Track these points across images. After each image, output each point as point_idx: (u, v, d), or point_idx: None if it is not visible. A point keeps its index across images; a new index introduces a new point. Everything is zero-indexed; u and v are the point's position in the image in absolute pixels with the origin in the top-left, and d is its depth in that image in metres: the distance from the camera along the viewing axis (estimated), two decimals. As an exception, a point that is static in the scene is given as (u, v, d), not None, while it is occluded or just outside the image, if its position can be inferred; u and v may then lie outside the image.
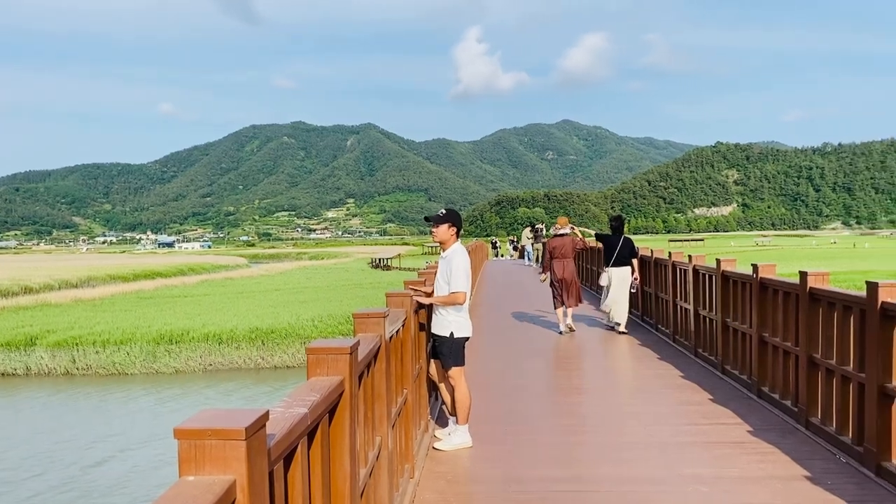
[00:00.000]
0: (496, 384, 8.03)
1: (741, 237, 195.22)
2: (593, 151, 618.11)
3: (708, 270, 8.74)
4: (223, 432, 1.57)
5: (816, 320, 5.77)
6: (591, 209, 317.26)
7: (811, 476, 4.77)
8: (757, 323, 6.99)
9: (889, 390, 4.65)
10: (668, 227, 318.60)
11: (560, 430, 6.10)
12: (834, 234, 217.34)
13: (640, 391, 7.66)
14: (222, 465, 1.57)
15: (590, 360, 9.78)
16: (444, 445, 5.61)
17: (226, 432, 1.57)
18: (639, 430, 6.04)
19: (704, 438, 5.75)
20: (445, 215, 5.79)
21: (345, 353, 2.75)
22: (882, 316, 4.70)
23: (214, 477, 1.56)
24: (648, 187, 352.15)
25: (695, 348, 9.26)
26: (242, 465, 1.58)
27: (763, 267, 6.93)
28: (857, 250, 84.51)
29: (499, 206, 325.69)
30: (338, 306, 26.12)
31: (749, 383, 7.24)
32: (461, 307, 5.68)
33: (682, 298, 9.94)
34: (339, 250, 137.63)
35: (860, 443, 5.02)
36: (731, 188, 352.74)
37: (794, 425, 5.99)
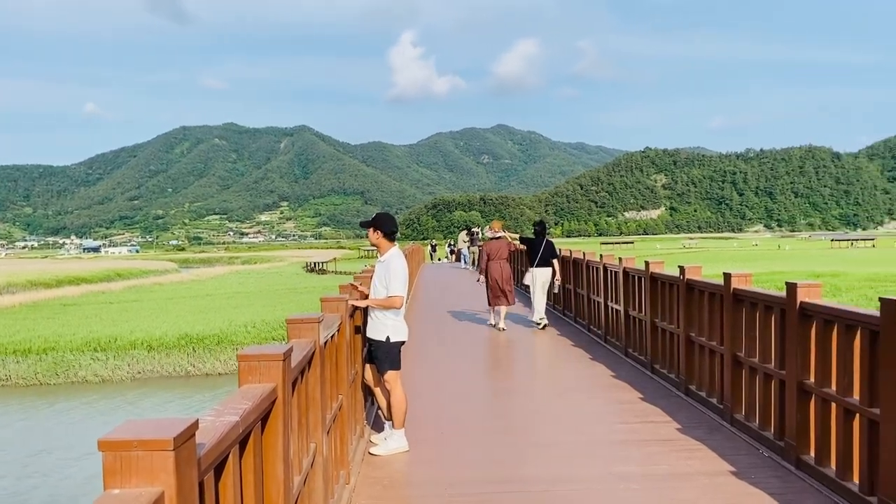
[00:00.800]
0: (432, 387, 8.05)
1: (669, 240, 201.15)
2: (527, 156, 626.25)
3: (637, 272, 8.96)
4: (150, 443, 1.53)
5: (740, 320, 5.98)
6: (525, 213, 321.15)
7: (736, 471, 4.95)
8: (684, 323, 7.21)
9: (807, 387, 4.86)
10: (600, 229, 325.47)
11: (495, 432, 6.15)
12: (756, 236, 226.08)
13: (572, 391, 7.79)
14: (149, 476, 1.53)
15: (524, 362, 9.91)
16: (380, 450, 5.59)
17: (153, 443, 1.53)
18: (572, 429, 6.15)
19: (635, 437, 5.89)
20: (371, 220, 5.82)
21: (277, 360, 2.71)
22: (801, 315, 4.92)
23: (141, 489, 1.51)
24: (581, 191, 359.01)
25: (625, 348, 9.48)
26: (171, 476, 1.54)
27: (689, 269, 7.15)
28: (780, 252, 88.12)
29: (435, 209, 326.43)
30: (272, 311, 25.71)
31: (677, 382, 7.46)
32: (398, 311, 5.68)
33: (613, 300, 10.17)
34: (273, 254, 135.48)
35: (781, 437, 5.23)
36: (660, 192, 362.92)
37: (720, 422, 6.20)
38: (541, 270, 12.32)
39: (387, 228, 5.75)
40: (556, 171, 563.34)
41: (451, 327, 13.13)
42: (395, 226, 5.83)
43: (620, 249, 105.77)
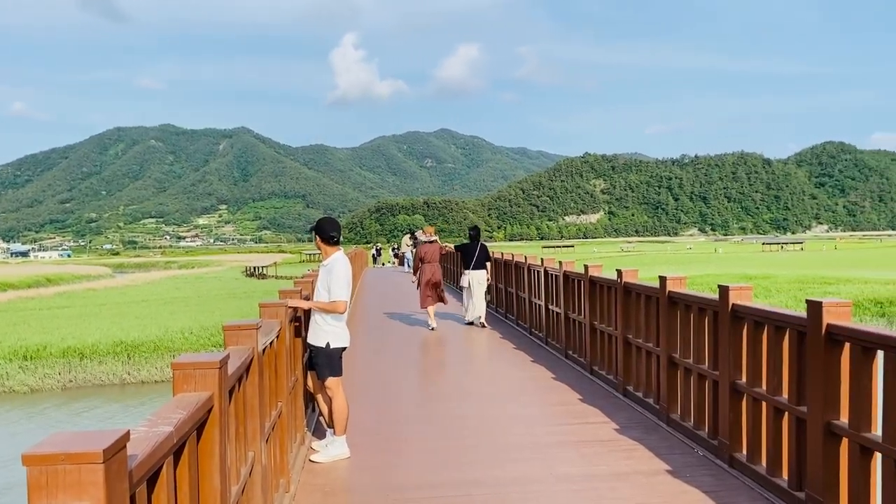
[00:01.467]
0: (374, 392, 8.01)
1: (608, 243, 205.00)
2: (470, 160, 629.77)
3: (577, 276, 9.10)
4: (78, 456, 1.48)
5: (675, 322, 6.14)
6: (469, 216, 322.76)
7: (672, 469, 5.07)
8: (622, 325, 7.35)
9: (739, 386, 5.01)
10: (542, 233, 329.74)
11: (437, 436, 6.16)
12: (691, 240, 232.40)
13: (514, 393, 7.85)
14: (77, 491, 1.48)
15: (466, 365, 9.94)
16: (320, 457, 5.53)
17: (81, 456, 1.48)
18: (513, 431, 6.20)
19: (575, 438, 5.98)
20: (313, 226, 5.79)
21: (214, 368, 2.65)
22: (733, 317, 5.07)
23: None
24: (523, 195, 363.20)
25: (565, 350, 9.62)
26: (100, 489, 1.49)
27: (627, 272, 7.30)
28: (714, 255, 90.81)
29: (378, 213, 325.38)
30: (210, 317, 25.15)
31: (615, 383, 7.60)
32: (340, 316, 5.63)
33: (554, 303, 10.30)
34: (212, 258, 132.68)
35: (715, 436, 5.38)
36: (599, 197, 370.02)
37: (656, 422, 6.34)
38: (476, 273, 12.97)
39: (327, 233, 5.71)
40: (498, 176, 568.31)
41: (394, 331, 13.10)
42: (336, 230, 5.79)
43: (561, 253, 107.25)
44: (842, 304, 4.04)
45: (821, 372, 4.02)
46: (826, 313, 4.00)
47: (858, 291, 38.66)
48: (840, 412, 3.94)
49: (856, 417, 3.79)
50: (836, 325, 3.95)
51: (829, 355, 3.98)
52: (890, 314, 32.30)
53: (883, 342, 3.59)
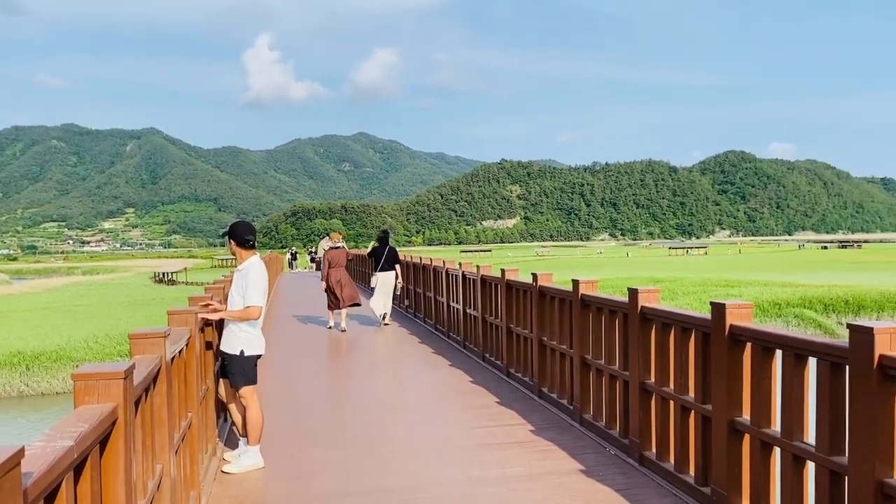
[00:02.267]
0: (290, 400, 7.86)
1: (524, 248, 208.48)
2: (389, 164, 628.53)
3: (494, 280, 9.21)
4: (-36, 476, 1.38)
5: (588, 324, 6.29)
6: (387, 221, 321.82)
7: (585, 469, 5.19)
8: (537, 328, 7.48)
9: (648, 386, 5.18)
10: (460, 238, 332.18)
11: (354, 443, 6.09)
12: (602, 244, 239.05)
13: (431, 398, 7.87)
14: (-37, 514, 1.38)
15: (383, 369, 9.89)
16: (233, 468, 5.38)
17: (-33, 476, 1.38)
18: (431, 436, 6.21)
19: (492, 440, 6.03)
20: (226, 230, 5.66)
21: (118, 378, 2.54)
22: (642, 319, 5.24)
23: (-47, 529, 1.36)
24: (441, 200, 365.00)
25: (483, 353, 9.71)
26: (-11, 511, 1.40)
27: (541, 276, 7.44)
28: (625, 259, 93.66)
29: (295, 217, 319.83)
30: (116, 326, 24.11)
31: (531, 385, 7.72)
32: (254, 323, 5.50)
33: (472, 306, 10.39)
34: (118, 264, 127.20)
35: (626, 435, 5.54)
36: (515, 202, 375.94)
37: (570, 422, 6.48)
38: (384, 274, 13.81)
39: (241, 237, 5.57)
40: (416, 181, 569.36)
41: (310, 337, 12.91)
42: (251, 233, 5.66)
43: (479, 257, 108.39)
44: (743, 306, 4.23)
45: (724, 371, 4.20)
46: (729, 315, 4.18)
47: (758, 294, 40.64)
48: (742, 409, 4.13)
49: (757, 414, 3.98)
50: (739, 325, 4.13)
51: (732, 355, 4.16)
52: (787, 315, 34.13)
53: (781, 342, 3.79)
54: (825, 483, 3.40)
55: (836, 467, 3.32)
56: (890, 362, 3.03)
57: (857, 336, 3.16)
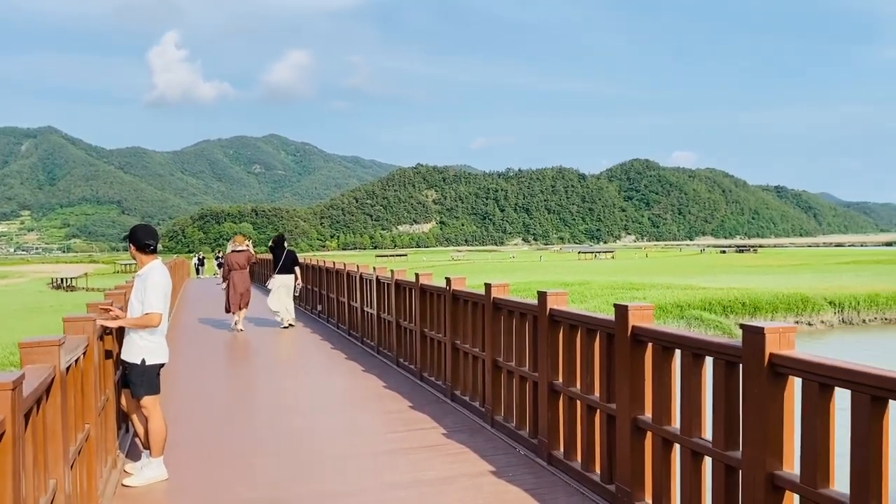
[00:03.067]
0: (196, 409, 7.62)
1: (439, 252, 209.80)
2: (302, 167, 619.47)
3: (408, 284, 9.21)
4: None
5: (499, 327, 6.38)
6: (300, 225, 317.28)
7: (496, 470, 5.25)
8: (450, 331, 7.53)
9: (556, 387, 5.30)
10: (375, 242, 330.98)
11: (265, 452, 5.96)
12: (516, 249, 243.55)
13: (343, 404, 7.79)
14: None
15: (294, 375, 9.72)
16: (135, 481, 5.17)
17: None
18: (343, 443, 6.14)
19: (404, 445, 6.02)
20: (127, 233, 5.46)
21: (5, 390, 2.40)
22: (550, 321, 5.35)
23: None
24: (356, 204, 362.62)
25: (396, 358, 9.69)
26: None
27: (455, 280, 7.49)
28: (538, 263, 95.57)
29: (202, 220, 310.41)
30: (9, 334, 22.73)
31: (444, 388, 7.76)
32: (156, 330, 5.30)
33: (386, 311, 10.35)
34: (11, 269, 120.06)
35: (535, 435, 5.65)
36: (431, 207, 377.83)
37: (482, 424, 6.55)
38: (282, 277, 14.35)
39: (142, 241, 5.37)
40: (331, 184, 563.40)
41: (218, 344, 12.57)
42: (152, 238, 5.45)
43: (394, 262, 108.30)
44: (645, 308, 4.39)
45: (627, 371, 4.34)
46: (631, 316, 4.33)
47: (662, 296, 42.27)
48: (645, 408, 4.28)
49: (658, 412, 4.13)
50: (640, 326, 4.28)
51: (635, 355, 4.31)
52: (689, 316, 35.64)
53: (679, 342, 3.95)
54: (721, 477, 3.56)
55: (730, 461, 3.49)
56: (780, 360, 3.20)
57: (749, 336, 3.33)
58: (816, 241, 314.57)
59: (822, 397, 3.01)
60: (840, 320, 39.30)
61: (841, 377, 2.90)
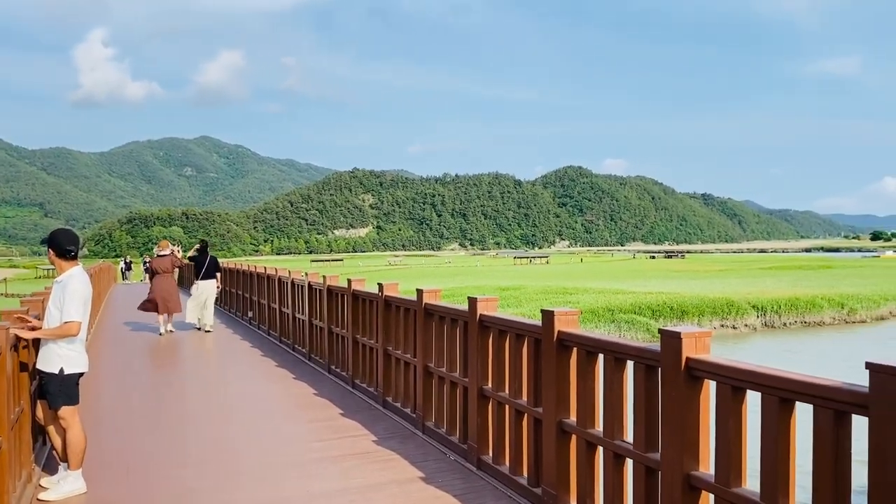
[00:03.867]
0: (119, 419, 7.38)
1: (376, 257, 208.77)
2: (235, 170, 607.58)
3: (340, 290, 9.14)
4: None
5: (431, 333, 6.40)
6: (233, 229, 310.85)
7: (425, 476, 5.26)
8: (382, 338, 7.51)
9: (486, 392, 5.34)
10: (311, 247, 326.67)
11: (187, 462, 5.82)
12: (452, 254, 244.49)
13: (272, 412, 7.67)
14: None
15: (222, 384, 9.50)
16: (51, 495, 4.97)
17: None
18: (272, 452, 6.05)
19: (334, 453, 5.97)
20: (46, 238, 5.26)
21: None
22: (480, 327, 5.40)
23: None
24: (291, 208, 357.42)
25: (328, 365, 9.60)
26: None
27: (387, 286, 7.47)
28: (474, 268, 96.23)
29: (130, 224, 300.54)
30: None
31: (376, 395, 7.73)
32: (75, 338, 5.11)
33: (318, 317, 10.25)
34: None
35: (465, 441, 5.68)
36: (368, 211, 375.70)
37: (413, 431, 6.55)
38: (205, 283, 14.76)
39: (62, 246, 5.18)
40: (265, 187, 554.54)
41: (142, 351, 12.20)
42: (73, 243, 5.26)
43: (330, 267, 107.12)
44: (570, 313, 4.48)
45: (553, 375, 4.42)
46: (557, 321, 4.41)
47: (595, 300, 43.11)
48: (570, 411, 4.36)
49: (583, 415, 4.21)
50: (566, 331, 4.37)
51: (560, 359, 4.39)
52: (620, 320, 36.46)
53: (602, 346, 4.04)
54: (642, 478, 3.66)
55: (650, 463, 3.59)
56: (696, 364, 3.32)
57: (667, 340, 3.44)
58: (741, 247, 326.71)
59: (735, 400, 3.13)
60: (763, 323, 40.90)
61: (752, 380, 3.02)
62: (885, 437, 2.41)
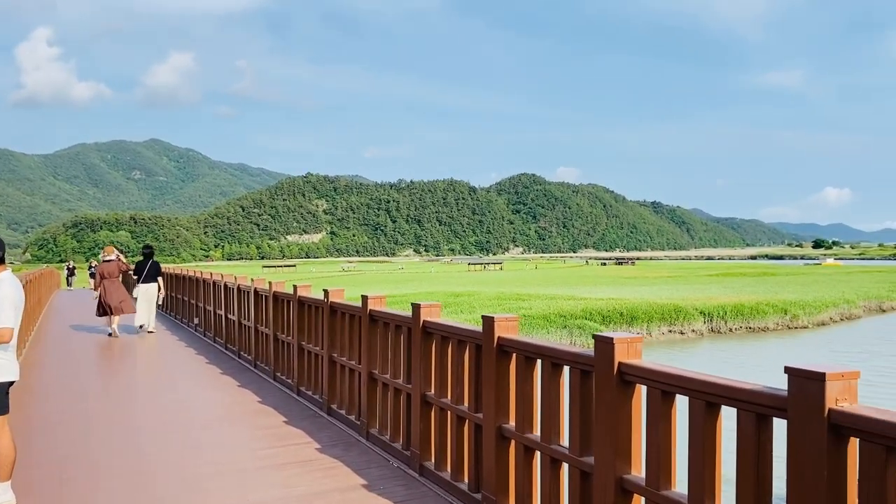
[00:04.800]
0: (51, 428, 7.15)
1: (330, 263, 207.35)
2: (185, 174, 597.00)
3: (286, 296, 9.04)
4: None
5: (375, 339, 6.37)
6: (182, 234, 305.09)
7: (367, 484, 5.22)
8: (328, 344, 7.44)
9: (429, 398, 5.34)
10: (263, 253, 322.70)
11: (124, 472, 5.66)
12: (407, 260, 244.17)
13: (215, 420, 7.53)
14: None
15: (163, 392, 9.28)
16: (-24, 509, 4.78)
17: None
18: (214, 460, 5.93)
19: (276, 461, 5.88)
20: None
21: None
22: (423, 333, 5.40)
23: None
24: (243, 213, 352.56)
25: (273, 372, 9.48)
26: None
27: (333, 292, 7.42)
28: (429, 274, 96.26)
29: (76, 228, 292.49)
30: None
31: (321, 402, 7.65)
32: (5, 346, 4.93)
33: (263, 324, 10.11)
34: None
35: (408, 447, 5.66)
36: (321, 217, 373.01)
37: (357, 438, 6.50)
38: (146, 286, 15.30)
39: (-2, 250, 5.01)
40: (216, 192, 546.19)
41: (82, 358, 11.85)
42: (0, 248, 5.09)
43: (282, 273, 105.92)
44: (510, 319, 4.51)
45: (493, 381, 4.44)
46: (497, 327, 4.43)
47: (547, 306, 43.54)
48: (509, 417, 4.38)
49: (521, 421, 4.24)
50: (506, 338, 4.39)
51: (500, 365, 4.41)
52: (571, 326, 36.88)
53: (540, 352, 4.07)
54: (577, 482, 3.69)
55: (585, 467, 3.63)
56: (627, 369, 3.37)
57: (600, 346, 3.48)
58: (689, 254, 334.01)
59: (665, 404, 3.19)
60: (709, 329, 41.86)
61: (680, 384, 3.08)
62: (803, 439, 2.48)
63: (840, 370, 2.44)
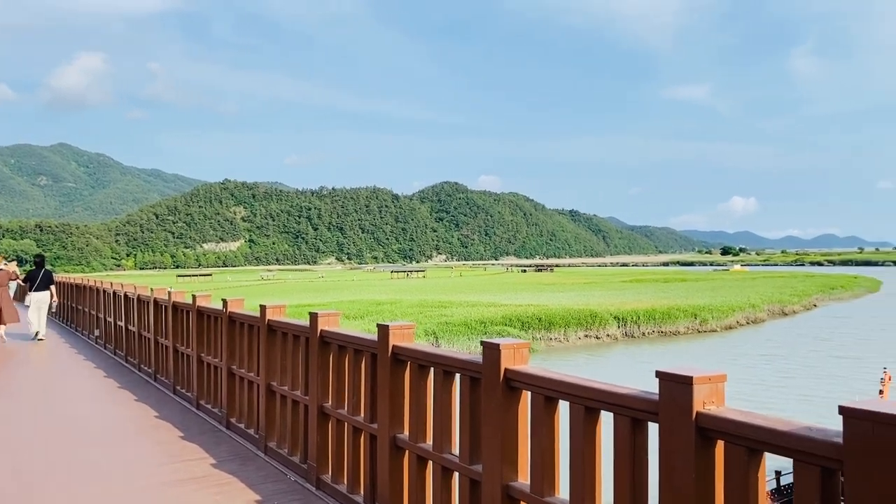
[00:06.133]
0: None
1: (248, 272, 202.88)
2: (95, 180, 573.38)
3: (185, 306, 8.70)
4: None
5: (275, 350, 6.18)
6: (92, 242, 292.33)
7: (262, 499, 5.03)
8: (227, 356, 7.19)
9: (326, 409, 5.20)
10: (178, 262, 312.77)
11: (6, 492, 5.28)
12: (329, 268, 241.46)
13: (109, 436, 7.15)
14: None
15: (55, 406, 8.75)
16: None
17: None
18: (101, 478, 5.61)
19: (169, 478, 5.60)
20: None
21: None
22: (321, 343, 5.26)
23: None
24: (156, 221, 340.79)
25: (173, 385, 9.10)
26: None
27: (232, 301, 7.17)
28: (351, 282, 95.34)
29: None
30: None
31: (220, 416, 7.38)
32: None
33: (163, 336, 9.71)
34: None
35: (305, 460, 5.50)
36: (240, 224, 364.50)
37: (255, 452, 6.28)
38: (38, 294, 15.61)
39: None
40: (129, 198, 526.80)
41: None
42: None
43: (197, 282, 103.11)
44: (406, 327, 4.42)
45: (388, 390, 4.34)
46: (392, 336, 4.34)
47: (468, 313, 43.75)
48: (404, 426, 4.30)
49: (415, 430, 4.16)
50: (400, 346, 4.31)
51: (395, 374, 4.33)
52: (491, 332, 37.17)
53: (433, 360, 4.01)
54: (466, 491, 3.64)
55: (474, 475, 3.57)
56: (513, 375, 3.34)
57: (487, 352, 3.44)
58: (605, 261, 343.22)
59: (548, 409, 3.17)
60: (623, 333, 43.01)
61: (562, 390, 3.07)
62: (672, 442, 2.49)
63: (707, 374, 2.46)
